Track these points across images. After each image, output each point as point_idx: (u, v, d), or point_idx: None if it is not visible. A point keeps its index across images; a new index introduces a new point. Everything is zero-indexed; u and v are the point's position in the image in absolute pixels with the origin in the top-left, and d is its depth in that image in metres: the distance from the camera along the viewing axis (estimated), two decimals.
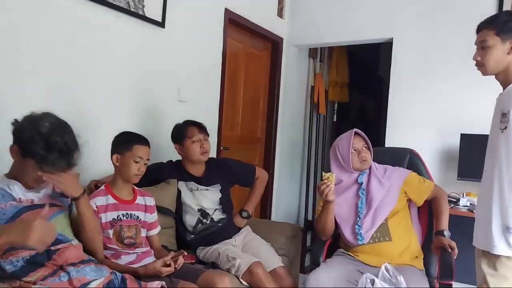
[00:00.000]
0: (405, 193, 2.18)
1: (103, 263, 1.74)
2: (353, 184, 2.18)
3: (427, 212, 2.26)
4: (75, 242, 1.64)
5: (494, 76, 1.68)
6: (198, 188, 2.33)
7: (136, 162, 1.91)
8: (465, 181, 2.95)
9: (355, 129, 2.18)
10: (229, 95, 3.34)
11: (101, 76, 2.30)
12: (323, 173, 1.97)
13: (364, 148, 2.16)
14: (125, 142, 1.94)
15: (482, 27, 1.66)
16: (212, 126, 3.08)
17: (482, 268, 1.62)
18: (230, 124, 3.44)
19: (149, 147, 1.97)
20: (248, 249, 2.31)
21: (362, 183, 2.16)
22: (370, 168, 2.19)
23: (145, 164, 1.94)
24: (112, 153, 1.94)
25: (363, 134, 2.18)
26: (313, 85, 4.24)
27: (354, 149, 2.14)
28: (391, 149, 2.24)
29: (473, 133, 2.91)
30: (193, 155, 2.29)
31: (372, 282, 1.32)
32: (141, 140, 1.96)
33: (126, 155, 1.91)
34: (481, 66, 1.66)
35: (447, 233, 2.07)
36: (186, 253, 1.90)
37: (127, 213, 1.94)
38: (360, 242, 2.06)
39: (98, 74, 2.29)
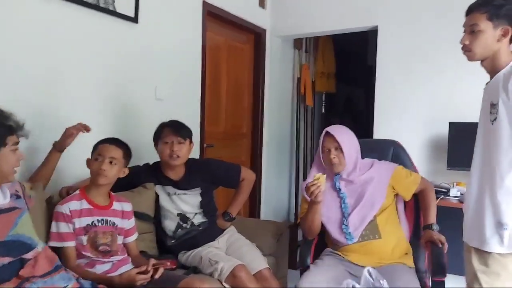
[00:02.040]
0: (393, 188, 2.10)
1: (77, 271, 1.68)
2: (332, 184, 2.09)
3: (414, 207, 2.19)
4: (41, 246, 1.58)
5: (479, 62, 1.59)
6: (175, 193, 2.23)
7: (96, 160, 1.83)
8: (455, 171, 2.89)
9: (327, 128, 2.04)
10: (211, 90, 3.25)
11: (72, 77, 2.20)
12: (314, 174, 1.88)
13: (334, 149, 2.01)
14: (95, 145, 1.89)
15: (473, 9, 1.55)
16: (194, 123, 2.98)
17: (473, 264, 1.55)
18: (214, 120, 3.34)
19: (117, 147, 1.88)
20: (232, 251, 2.23)
21: (337, 181, 2.07)
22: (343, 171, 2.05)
23: (110, 163, 1.84)
24: None
25: (338, 134, 2.01)
26: (299, 76, 4.15)
27: (326, 149, 2.03)
28: (374, 141, 2.15)
29: (462, 121, 2.84)
30: (163, 156, 2.21)
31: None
32: (108, 139, 1.90)
33: (92, 156, 1.87)
34: (468, 50, 1.56)
35: (435, 227, 2.01)
36: (168, 264, 1.82)
37: (102, 219, 1.85)
38: (349, 242, 1.97)
39: (69, 75, 2.19)
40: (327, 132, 2.03)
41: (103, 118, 2.37)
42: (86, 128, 1.96)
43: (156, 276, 1.72)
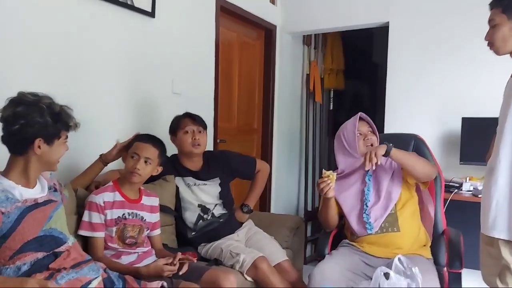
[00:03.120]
0: (407, 180, 2.09)
1: (103, 262, 1.69)
2: (359, 171, 2.11)
3: (434, 201, 2.21)
4: (71, 241, 1.59)
5: (510, 55, 1.62)
6: (195, 183, 2.25)
7: (132, 157, 1.85)
8: (468, 165, 2.91)
9: (360, 113, 2.12)
10: (224, 86, 3.26)
11: (90, 70, 2.21)
12: (324, 171, 1.93)
13: (369, 132, 2.11)
14: (132, 141, 1.91)
15: (491, 6, 1.62)
16: (208, 118, 2.98)
17: (503, 257, 1.54)
18: (226, 115, 3.36)
19: (153, 146, 1.89)
20: (251, 244, 2.25)
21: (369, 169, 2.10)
22: None
23: (146, 162, 1.86)
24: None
25: (368, 118, 2.13)
26: (308, 73, 4.16)
27: (360, 133, 2.09)
28: (395, 135, 2.20)
29: (475, 116, 2.86)
30: (185, 146, 2.22)
31: (387, 276, 1.27)
32: (145, 138, 1.91)
33: (128, 153, 1.88)
34: (491, 45, 1.62)
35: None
36: (195, 260, 1.83)
37: (132, 212, 1.88)
38: (369, 232, 2.00)
39: (87, 68, 2.19)
40: (360, 118, 2.10)
41: (120, 111, 2.38)
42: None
43: (182, 272, 1.74)
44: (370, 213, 2.02)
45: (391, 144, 1.92)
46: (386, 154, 1.90)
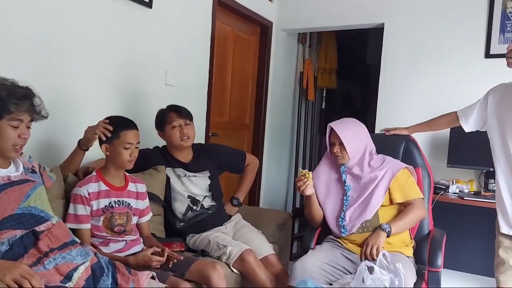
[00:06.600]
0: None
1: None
2: (338, 175, 2.16)
3: None
4: (55, 219, 1.58)
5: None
6: (186, 175, 2.27)
7: (126, 148, 1.84)
8: (455, 168, 2.96)
9: (330, 125, 2.08)
10: (217, 80, 3.26)
11: (85, 58, 2.20)
12: (300, 169, 1.99)
13: (339, 144, 2.06)
14: (111, 130, 1.86)
15: None
16: (200, 111, 3.01)
17: None
18: (219, 109, 3.36)
19: (137, 130, 1.89)
20: (239, 237, 2.27)
21: (344, 174, 2.13)
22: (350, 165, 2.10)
23: (137, 148, 1.88)
24: (100, 143, 1.86)
25: (340, 131, 2.04)
26: (302, 71, 4.18)
27: (332, 142, 2.11)
28: (388, 136, 2.22)
29: None
30: (174, 140, 2.23)
31: (371, 270, 1.30)
32: (128, 124, 1.88)
33: (114, 144, 1.83)
34: None
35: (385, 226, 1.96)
36: (182, 258, 1.82)
37: (118, 200, 1.87)
38: (343, 235, 2.04)
39: (82, 56, 2.19)
40: (332, 128, 2.08)
41: (112, 102, 2.38)
42: (108, 129, 1.83)
43: (170, 265, 1.76)
44: (345, 217, 2.05)
45: (388, 229, 1.90)
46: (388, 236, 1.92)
